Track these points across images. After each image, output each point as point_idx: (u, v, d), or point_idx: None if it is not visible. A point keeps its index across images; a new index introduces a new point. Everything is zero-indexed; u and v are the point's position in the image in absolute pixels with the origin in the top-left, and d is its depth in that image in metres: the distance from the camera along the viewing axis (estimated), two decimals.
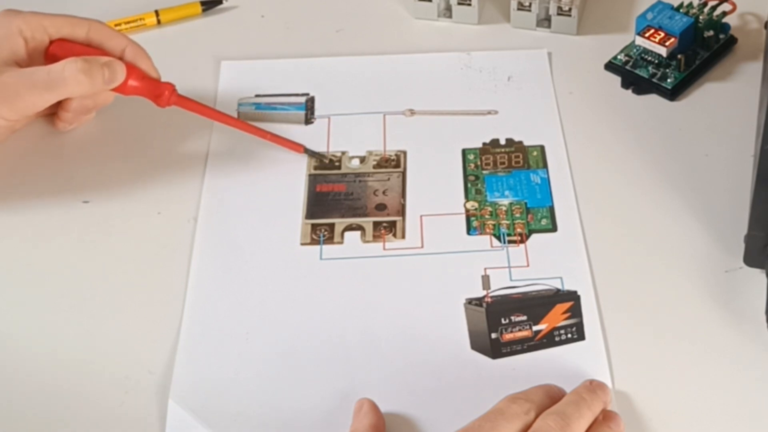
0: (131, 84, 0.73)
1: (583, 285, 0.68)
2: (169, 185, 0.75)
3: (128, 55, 0.74)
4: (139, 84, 0.74)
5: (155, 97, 0.74)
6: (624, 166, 0.75)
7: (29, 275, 0.70)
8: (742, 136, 0.75)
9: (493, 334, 0.65)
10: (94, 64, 0.71)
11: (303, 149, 0.76)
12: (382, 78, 0.82)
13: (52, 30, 0.74)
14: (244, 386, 0.64)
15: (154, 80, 0.75)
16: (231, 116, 0.77)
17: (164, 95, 0.74)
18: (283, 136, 0.76)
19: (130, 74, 0.73)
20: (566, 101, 0.80)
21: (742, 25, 0.84)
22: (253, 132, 0.76)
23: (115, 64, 0.72)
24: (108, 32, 0.75)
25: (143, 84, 0.74)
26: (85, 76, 0.70)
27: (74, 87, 0.71)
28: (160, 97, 0.74)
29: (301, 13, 0.89)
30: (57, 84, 0.70)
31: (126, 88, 0.73)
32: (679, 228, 0.71)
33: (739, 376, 0.63)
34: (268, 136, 0.76)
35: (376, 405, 0.61)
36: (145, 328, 0.67)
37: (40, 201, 0.75)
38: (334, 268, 0.70)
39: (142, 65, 0.74)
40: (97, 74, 0.71)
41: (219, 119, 0.76)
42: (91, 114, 0.78)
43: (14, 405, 0.64)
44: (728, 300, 0.66)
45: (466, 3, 0.85)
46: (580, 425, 0.58)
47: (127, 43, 0.75)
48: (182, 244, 0.71)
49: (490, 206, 0.73)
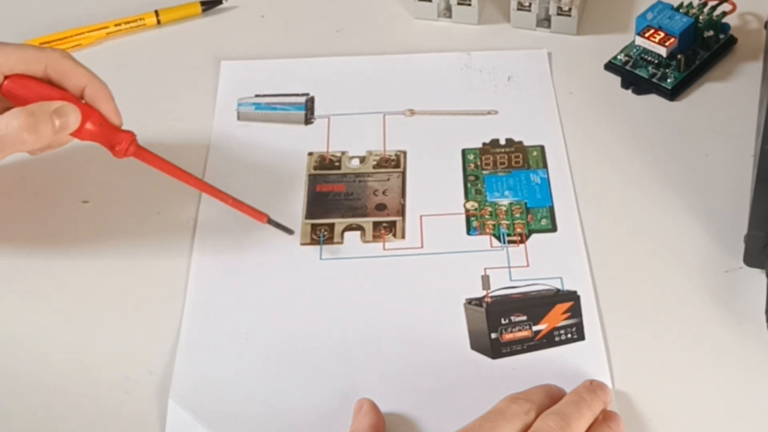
0: (87, 128, 0.67)
1: (583, 285, 0.68)
2: (169, 185, 0.75)
3: (89, 94, 0.67)
4: (96, 130, 0.67)
5: (111, 147, 0.67)
6: (624, 166, 0.75)
7: (29, 275, 0.70)
8: (742, 136, 0.75)
9: (493, 334, 0.65)
10: (41, 117, 0.64)
11: (267, 219, 0.70)
12: (382, 78, 0.82)
13: (5, 67, 0.66)
14: (244, 386, 0.64)
15: (114, 127, 0.68)
16: (192, 176, 0.70)
17: (121, 146, 0.67)
18: (246, 204, 0.70)
19: (87, 118, 0.66)
20: (566, 101, 0.80)
21: (742, 25, 0.84)
22: (215, 195, 0.69)
23: (68, 108, 0.65)
24: (68, 68, 0.67)
25: (100, 131, 0.67)
26: (28, 133, 0.63)
27: (18, 146, 0.64)
28: (115, 147, 0.67)
29: (301, 13, 0.89)
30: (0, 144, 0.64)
31: (81, 133, 0.67)
32: (679, 228, 0.71)
33: (739, 376, 0.63)
34: (230, 201, 0.69)
35: (376, 405, 0.61)
36: (145, 328, 0.67)
37: (40, 201, 0.75)
38: (334, 268, 0.70)
39: (102, 107, 0.67)
40: (44, 127, 0.64)
41: (180, 177, 0.69)
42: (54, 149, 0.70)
43: (14, 405, 0.64)
44: (728, 300, 0.66)
45: (466, 3, 0.85)
46: (580, 425, 0.58)
47: (89, 80, 0.67)
48: (182, 244, 0.71)
49: (490, 206, 0.73)
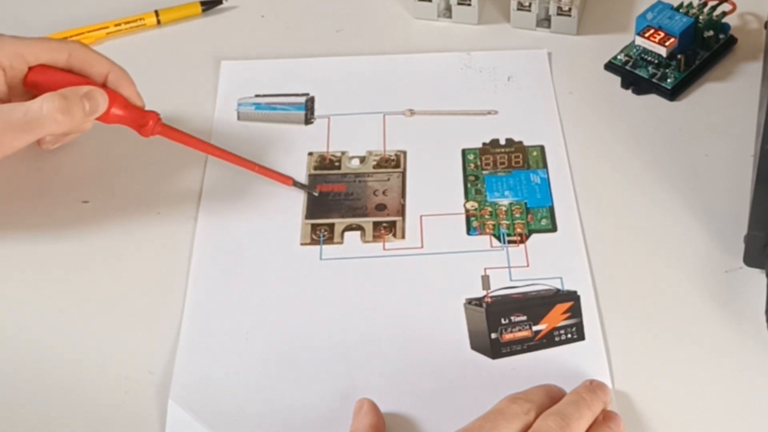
0: (114, 112, 0.70)
1: (583, 285, 0.68)
2: (168, 185, 0.75)
3: (111, 81, 0.71)
4: (123, 113, 0.71)
5: (139, 127, 0.71)
6: (624, 166, 0.75)
7: (29, 275, 0.70)
8: (742, 136, 0.75)
9: (493, 334, 0.65)
10: (73, 99, 0.67)
11: (292, 182, 0.74)
12: (382, 78, 0.82)
13: (30, 57, 0.70)
14: (244, 386, 0.64)
15: (138, 109, 0.72)
16: (218, 147, 0.74)
17: (148, 125, 0.71)
18: (272, 169, 0.74)
19: (113, 102, 0.70)
20: (566, 101, 0.80)
21: (742, 25, 0.84)
22: (240, 164, 0.73)
23: (97, 93, 0.69)
24: (90, 57, 0.71)
25: (126, 113, 0.71)
26: (63, 114, 0.67)
27: (52, 127, 0.67)
28: (143, 127, 0.71)
29: (301, 13, 0.89)
30: (35, 125, 0.67)
31: (108, 117, 0.70)
32: (679, 228, 0.71)
33: (738, 376, 0.63)
34: (257, 168, 0.74)
35: (376, 405, 0.61)
36: (145, 328, 0.67)
37: (40, 201, 0.75)
38: (334, 268, 0.70)
39: (125, 92, 0.71)
40: (76, 109, 0.67)
41: (205, 150, 0.74)
42: (74, 136, 0.75)
43: (14, 405, 0.64)
44: (728, 300, 0.66)
45: (466, 3, 0.85)
46: (580, 425, 0.58)
47: (111, 67, 0.71)
48: (182, 244, 0.71)
49: (490, 206, 0.73)
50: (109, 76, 0.71)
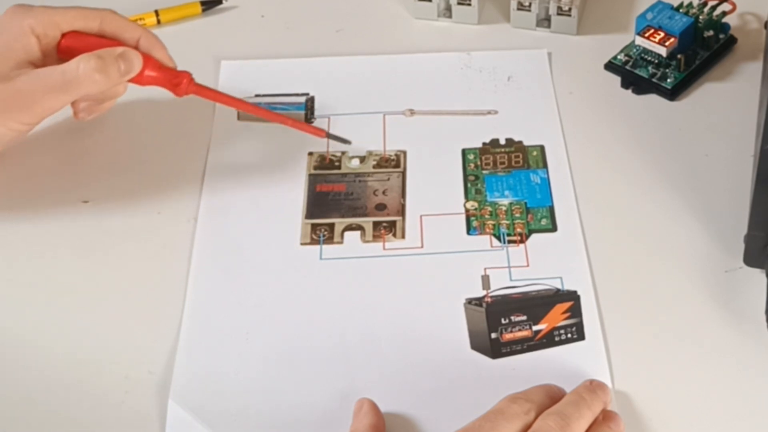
0: (148, 74, 0.72)
1: (583, 285, 0.68)
2: (169, 185, 0.75)
3: (143, 44, 0.73)
4: (157, 74, 0.72)
5: (173, 86, 0.73)
6: (624, 166, 0.75)
7: (29, 275, 0.70)
8: (742, 136, 0.75)
9: (493, 334, 0.65)
10: (108, 59, 0.69)
11: (325, 134, 0.75)
12: (382, 78, 0.82)
13: (64, 25, 0.72)
14: (244, 386, 0.64)
15: (171, 69, 0.73)
16: (249, 103, 0.76)
17: (182, 84, 0.73)
18: (304, 123, 0.76)
19: (146, 64, 0.72)
20: (566, 101, 0.80)
21: (742, 25, 0.84)
22: (273, 119, 0.75)
23: (131, 54, 0.70)
24: (122, 22, 0.73)
25: (160, 73, 0.72)
26: (100, 74, 0.69)
27: (89, 86, 0.69)
28: (178, 86, 0.73)
29: (301, 13, 0.89)
30: (72, 85, 0.69)
31: (143, 78, 0.72)
32: (679, 228, 0.71)
33: (739, 376, 0.63)
34: (289, 122, 0.75)
35: (376, 405, 0.61)
36: (145, 328, 0.67)
37: (40, 201, 0.75)
38: (334, 268, 0.70)
39: (157, 54, 0.73)
40: (112, 69, 0.69)
41: (237, 106, 0.75)
42: (111, 103, 0.77)
43: (14, 405, 0.64)
44: (728, 300, 0.66)
45: (466, 3, 0.85)
46: (580, 425, 0.58)
47: (142, 32, 0.73)
48: (182, 244, 0.71)
49: (490, 206, 0.73)
50: (140, 40, 0.73)
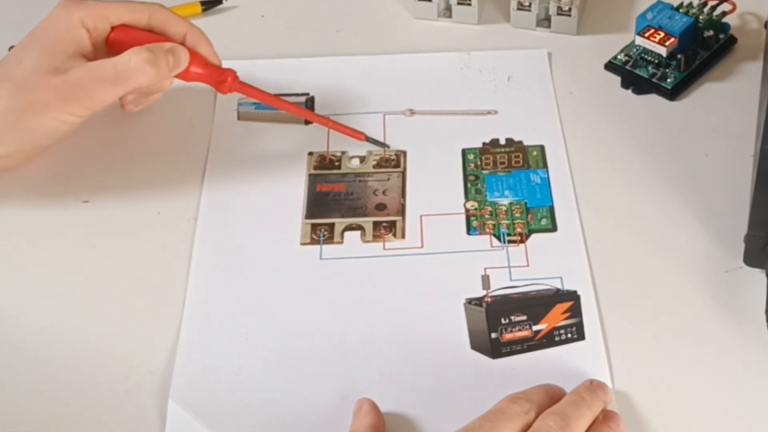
0: (193, 71, 0.73)
1: (583, 285, 0.68)
2: (168, 185, 0.75)
3: (189, 40, 0.73)
4: (202, 71, 0.73)
5: (217, 84, 0.74)
6: (624, 166, 0.75)
7: (29, 275, 0.70)
8: (742, 136, 0.75)
9: (493, 333, 0.65)
10: (159, 53, 0.70)
11: (364, 137, 0.76)
12: (382, 78, 0.82)
13: (113, 18, 0.73)
14: (244, 386, 0.64)
15: (216, 66, 0.74)
16: (292, 104, 0.76)
17: (227, 81, 0.74)
18: (344, 124, 0.76)
19: (192, 61, 0.72)
20: (566, 101, 0.80)
21: (742, 25, 0.84)
22: (315, 120, 0.76)
23: (179, 50, 0.71)
24: (169, 17, 0.74)
25: (206, 71, 0.73)
26: (150, 66, 0.69)
27: (141, 78, 0.70)
28: (222, 84, 0.74)
29: (301, 13, 0.89)
30: (124, 77, 0.70)
31: (188, 75, 0.73)
32: (679, 228, 0.71)
33: (739, 376, 0.63)
34: (330, 123, 0.76)
35: (376, 405, 0.61)
36: (145, 328, 0.67)
37: (40, 201, 0.75)
38: (334, 268, 0.70)
39: (203, 51, 0.73)
40: (162, 63, 0.70)
41: (280, 106, 0.76)
42: (157, 96, 0.77)
43: (14, 405, 0.64)
44: (728, 300, 0.66)
45: (466, 3, 0.85)
46: (580, 425, 0.58)
47: (189, 28, 0.74)
48: (182, 244, 0.71)
49: (490, 206, 0.73)
50: (187, 36, 0.73)
